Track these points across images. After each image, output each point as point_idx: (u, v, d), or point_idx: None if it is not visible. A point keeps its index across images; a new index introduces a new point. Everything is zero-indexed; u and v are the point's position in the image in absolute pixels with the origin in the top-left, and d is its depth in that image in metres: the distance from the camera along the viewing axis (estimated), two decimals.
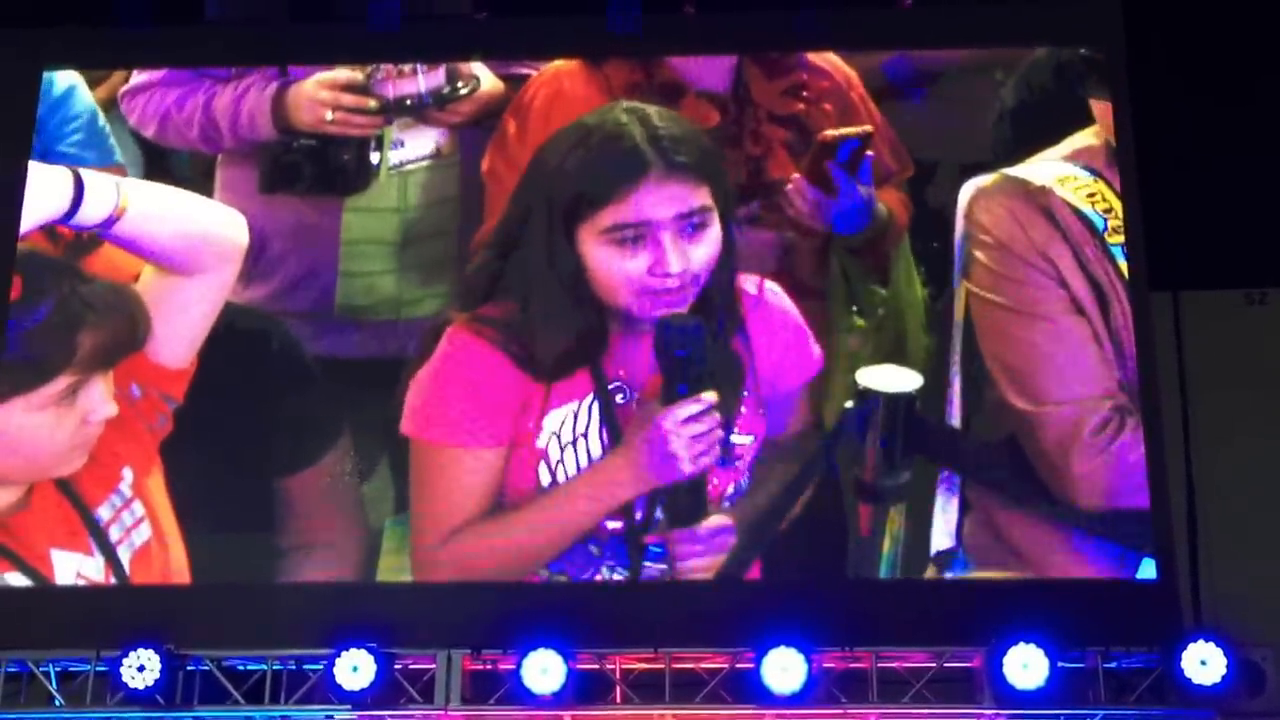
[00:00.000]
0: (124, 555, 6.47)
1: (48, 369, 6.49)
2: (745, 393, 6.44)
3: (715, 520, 6.35)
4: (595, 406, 6.35)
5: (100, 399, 6.48)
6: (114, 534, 6.47)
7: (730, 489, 6.42)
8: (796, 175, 6.67)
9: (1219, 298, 7.19)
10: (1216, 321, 7.14)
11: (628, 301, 6.31)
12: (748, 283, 6.51)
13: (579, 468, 6.35)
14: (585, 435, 6.36)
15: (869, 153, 6.61)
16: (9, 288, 6.65)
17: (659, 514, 6.36)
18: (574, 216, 6.27)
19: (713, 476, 6.36)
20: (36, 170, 6.74)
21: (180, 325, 6.58)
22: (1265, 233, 7.12)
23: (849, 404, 6.47)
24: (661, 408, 6.25)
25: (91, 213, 6.46)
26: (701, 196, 6.30)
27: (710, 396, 6.25)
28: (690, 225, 6.27)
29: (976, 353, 6.53)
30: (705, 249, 6.31)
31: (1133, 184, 6.60)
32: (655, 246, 6.25)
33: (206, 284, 6.59)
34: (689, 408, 6.23)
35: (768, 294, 6.51)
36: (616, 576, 6.38)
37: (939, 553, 6.44)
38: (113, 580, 6.45)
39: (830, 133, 6.65)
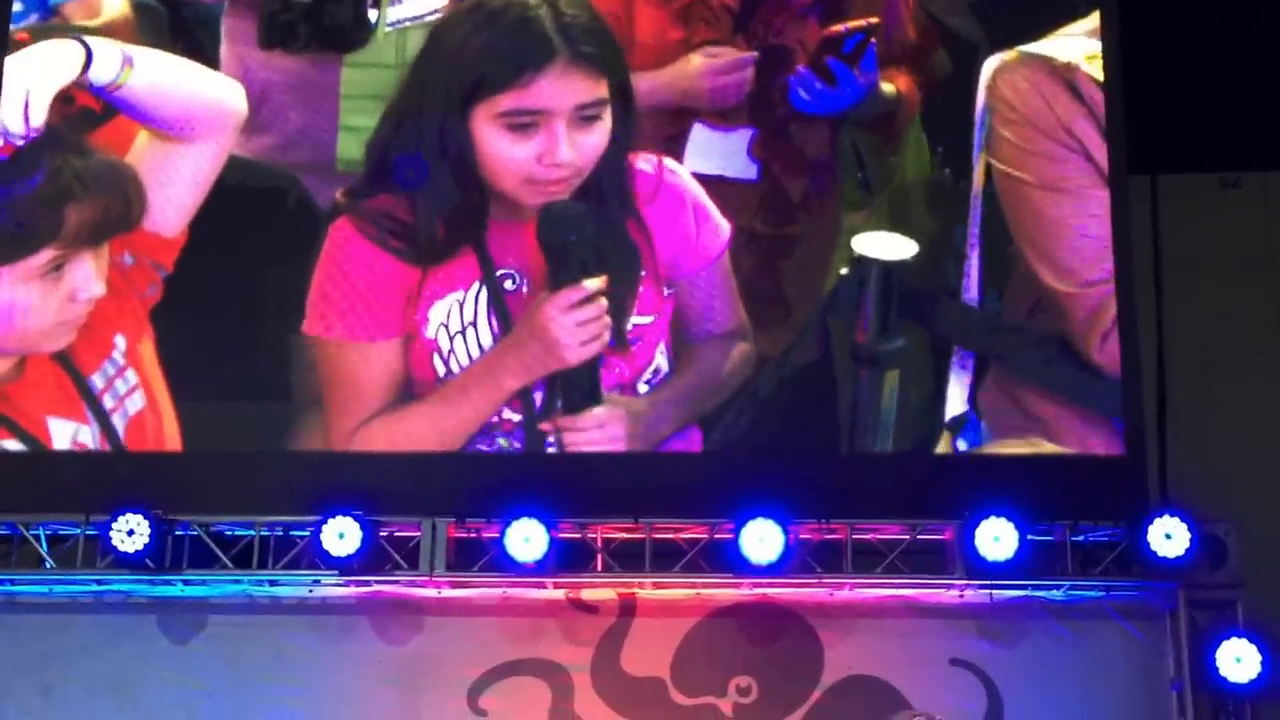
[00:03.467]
0: (118, 423, 6.66)
1: (32, 241, 6.62)
2: (643, 273, 6.59)
3: (604, 410, 6.52)
4: (483, 294, 6.52)
5: (88, 277, 6.61)
6: (108, 402, 6.66)
7: (648, 374, 6.62)
8: (801, 67, 6.83)
9: (1194, 181, 7.41)
10: (1191, 204, 7.37)
11: (512, 187, 6.45)
12: (644, 162, 6.63)
13: (470, 358, 6.53)
14: (475, 324, 6.52)
15: (873, 42, 6.77)
16: None
17: (557, 402, 6.53)
18: (472, 98, 6.40)
19: (616, 363, 6.55)
20: (46, 45, 6.78)
21: (174, 193, 6.72)
22: (1240, 118, 7.31)
23: (844, 270, 6.69)
24: (546, 295, 6.42)
25: (98, 76, 6.58)
26: (600, 89, 6.43)
27: (596, 283, 6.40)
28: (584, 117, 6.41)
29: (1003, 228, 6.72)
30: (595, 139, 6.45)
31: (1115, 69, 6.77)
32: (548, 135, 6.38)
33: (202, 151, 6.73)
34: (573, 294, 6.39)
35: (666, 174, 6.64)
36: None
37: (952, 418, 6.68)
38: (108, 448, 6.64)
39: (836, 27, 6.79)
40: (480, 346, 6.54)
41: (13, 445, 6.66)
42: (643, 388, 6.63)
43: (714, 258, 6.67)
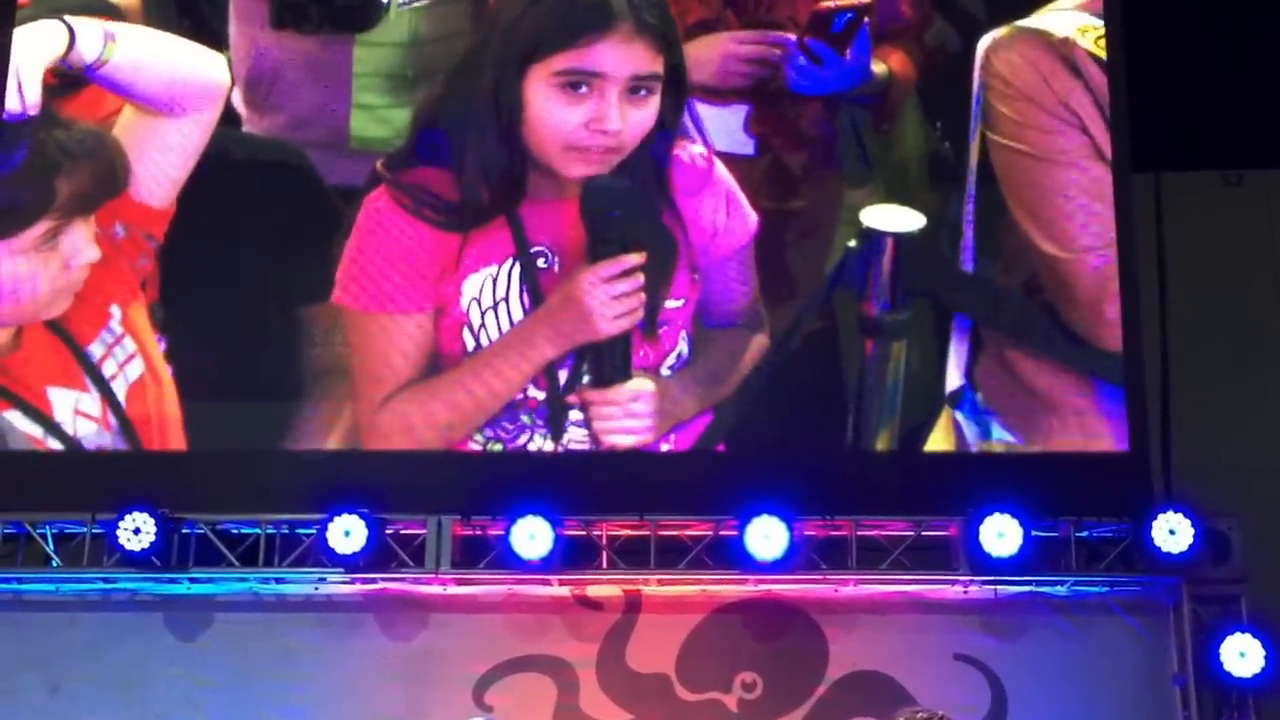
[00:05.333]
0: (119, 389, 6.83)
1: (26, 214, 6.84)
2: (678, 260, 6.71)
3: (635, 385, 6.63)
4: (516, 270, 6.63)
5: (82, 243, 6.82)
6: (108, 369, 6.83)
7: (671, 359, 6.74)
8: (791, 39, 6.95)
9: (1197, 178, 7.53)
10: (1195, 202, 7.49)
11: (553, 153, 6.57)
12: (683, 152, 6.75)
13: (501, 332, 6.65)
14: (506, 299, 6.64)
15: (865, 21, 6.89)
16: None
17: (583, 376, 6.65)
18: (528, 58, 6.54)
19: (641, 346, 6.65)
20: (28, 27, 6.97)
21: (163, 165, 6.91)
22: (1242, 116, 7.43)
23: (852, 243, 6.80)
24: (585, 266, 6.54)
25: (82, 54, 6.77)
26: (657, 64, 6.58)
27: (635, 258, 6.53)
28: (637, 89, 6.54)
29: (998, 203, 6.85)
30: (643, 116, 6.58)
31: (1119, 67, 6.90)
32: (600, 100, 6.51)
33: (189, 124, 6.92)
34: (612, 267, 6.51)
35: (710, 165, 6.76)
36: (548, 445, 6.71)
37: (951, 392, 6.81)
38: (110, 415, 6.80)
39: (825, 5, 6.91)
40: (511, 321, 6.65)
41: (14, 416, 6.80)
42: (665, 372, 6.75)
43: (740, 247, 6.81)
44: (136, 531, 6.56)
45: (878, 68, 6.99)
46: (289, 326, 6.89)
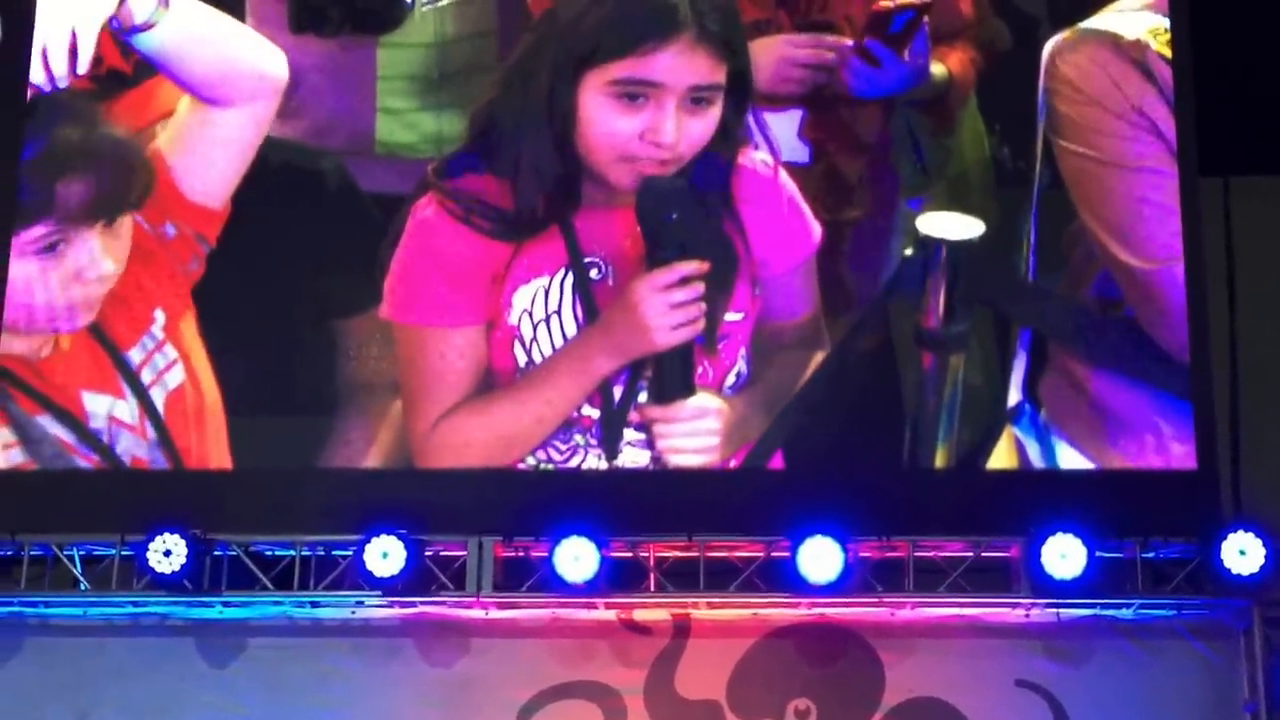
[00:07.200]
0: (157, 397, 6.67)
1: (25, 213, 6.69)
2: (739, 272, 6.55)
3: (700, 402, 6.47)
4: (568, 281, 6.48)
5: (93, 256, 6.62)
6: (146, 376, 6.67)
7: (731, 378, 6.60)
8: (847, 44, 6.82)
9: (1268, 183, 7.37)
10: (1265, 206, 7.33)
11: (605, 162, 6.39)
12: (747, 159, 6.59)
13: (553, 346, 6.50)
14: (559, 312, 6.49)
15: (925, 20, 6.74)
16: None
17: (637, 396, 6.51)
18: (585, 63, 6.36)
19: (701, 362, 6.49)
20: None
21: (217, 160, 6.72)
22: None
23: (909, 251, 6.66)
24: (641, 275, 6.38)
25: (134, 11, 6.56)
26: (719, 74, 6.39)
27: (694, 265, 6.34)
28: (696, 99, 6.36)
29: (1063, 207, 6.69)
30: (701, 127, 6.39)
31: (1187, 68, 6.77)
32: (657, 111, 6.33)
33: (242, 116, 6.73)
34: (668, 275, 6.33)
35: (775, 174, 6.61)
36: (602, 466, 6.57)
37: (1010, 408, 6.69)
38: (147, 424, 6.68)
39: (885, 4, 6.75)
40: (564, 335, 6.49)
41: (46, 421, 6.67)
42: (726, 391, 6.60)
43: (803, 260, 6.66)
44: (167, 554, 6.45)
45: (936, 69, 6.85)
46: (323, 339, 6.79)
